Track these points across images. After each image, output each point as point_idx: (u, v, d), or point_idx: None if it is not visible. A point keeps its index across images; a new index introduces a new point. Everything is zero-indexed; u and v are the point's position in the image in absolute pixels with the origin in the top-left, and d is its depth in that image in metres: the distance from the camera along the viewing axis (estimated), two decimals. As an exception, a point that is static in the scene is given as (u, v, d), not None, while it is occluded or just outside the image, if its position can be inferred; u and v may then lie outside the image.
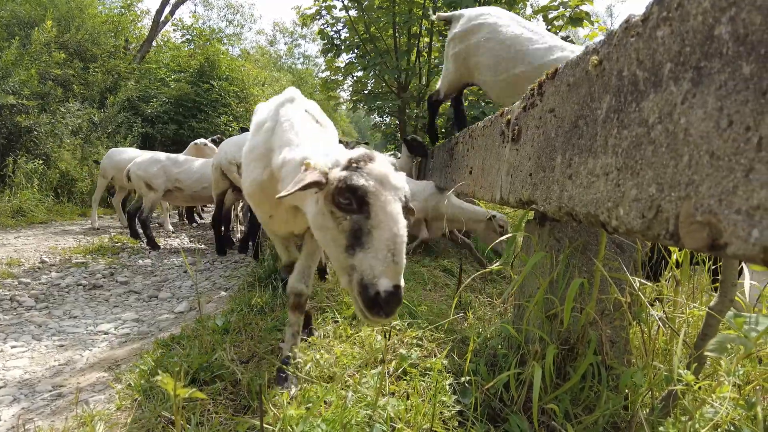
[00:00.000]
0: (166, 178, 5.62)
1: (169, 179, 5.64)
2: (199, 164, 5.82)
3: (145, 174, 5.56)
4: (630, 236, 1.00)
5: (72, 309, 3.42)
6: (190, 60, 14.25)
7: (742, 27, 0.62)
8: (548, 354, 1.33)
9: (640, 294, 1.32)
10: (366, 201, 1.23)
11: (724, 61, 0.66)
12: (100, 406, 1.85)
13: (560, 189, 1.22)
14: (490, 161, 2.13)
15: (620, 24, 0.99)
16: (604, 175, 0.98)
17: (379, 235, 1.21)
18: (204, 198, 5.88)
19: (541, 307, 1.51)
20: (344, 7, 6.80)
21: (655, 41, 0.84)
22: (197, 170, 5.74)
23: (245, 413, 1.67)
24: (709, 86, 0.69)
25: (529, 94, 1.58)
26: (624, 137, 0.92)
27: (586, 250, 1.67)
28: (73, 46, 11.79)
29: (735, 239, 0.61)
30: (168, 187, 5.67)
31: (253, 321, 2.50)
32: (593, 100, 1.09)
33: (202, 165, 5.81)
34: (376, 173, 1.27)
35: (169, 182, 5.64)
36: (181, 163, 5.77)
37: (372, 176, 1.26)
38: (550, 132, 1.36)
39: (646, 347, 1.35)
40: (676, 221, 0.74)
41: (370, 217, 1.23)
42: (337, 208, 1.27)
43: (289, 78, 25.14)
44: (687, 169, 0.72)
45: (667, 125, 0.78)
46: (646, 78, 0.86)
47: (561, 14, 4.57)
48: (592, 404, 1.45)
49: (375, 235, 1.21)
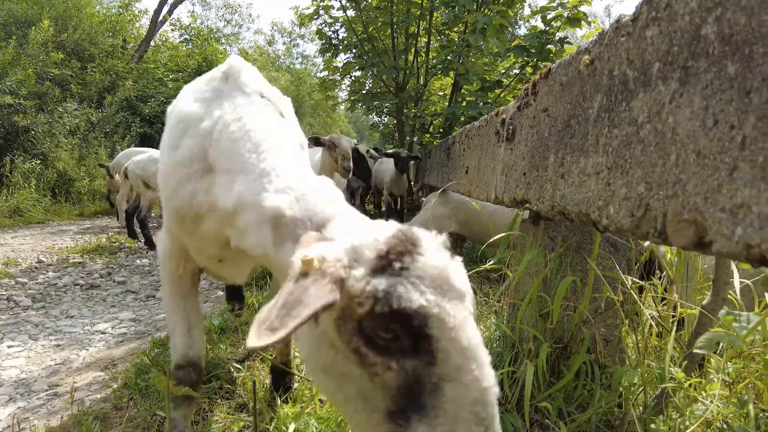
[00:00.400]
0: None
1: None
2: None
3: (144, 172, 5.56)
4: (620, 235, 1.01)
5: (69, 309, 3.42)
6: (188, 60, 14.24)
7: (728, 27, 0.63)
8: (541, 352, 1.34)
9: (633, 293, 1.32)
10: (427, 333, 0.67)
11: (710, 60, 0.67)
12: (96, 405, 1.85)
13: (553, 188, 1.23)
14: (486, 160, 2.14)
15: (611, 24, 1.00)
16: (595, 174, 0.99)
17: (457, 392, 0.66)
18: None
19: (535, 305, 1.52)
20: (342, 7, 6.80)
21: (644, 41, 0.85)
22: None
23: (241, 412, 1.67)
24: (695, 86, 0.69)
25: (524, 93, 1.59)
26: (614, 136, 0.93)
27: (581, 249, 1.68)
28: (70, 46, 11.78)
29: (719, 237, 0.61)
30: None
31: (249, 320, 2.51)
32: (585, 100, 1.09)
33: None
34: (432, 274, 0.69)
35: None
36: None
37: (428, 282, 0.68)
38: (543, 131, 1.36)
39: (639, 346, 1.36)
40: (664, 219, 0.74)
41: (437, 362, 0.67)
42: (371, 347, 0.69)
43: (288, 78, 25.12)
44: (674, 168, 0.73)
45: (655, 124, 0.79)
46: (636, 77, 0.87)
47: (559, 14, 4.58)
48: (586, 402, 1.46)
49: (448, 392, 0.66)
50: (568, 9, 4.38)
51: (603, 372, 1.52)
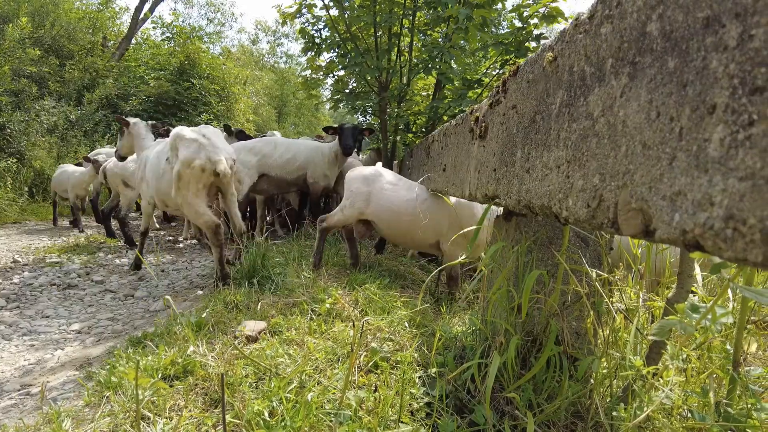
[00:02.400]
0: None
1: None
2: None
3: (123, 172, 5.52)
4: (578, 226, 1.04)
5: (45, 309, 3.36)
6: (170, 58, 14.06)
7: (668, 24, 0.66)
8: (510, 345, 1.37)
9: (597, 285, 1.36)
10: None
11: (654, 56, 0.69)
12: (68, 403, 1.84)
13: (519, 183, 1.26)
14: (461, 158, 2.17)
15: (571, 21, 1.03)
16: (556, 167, 1.02)
17: None
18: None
19: (506, 299, 1.54)
20: (325, 6, 6.79)
21: (599, 37, 0.88)
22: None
23: (216, 407, 1.67)
24: (642, 80, 0.72)
25: (495, 91, 1.62)
26: (573, 130, 0.95)
27: (551, 243, 1.71)
28: (48, 42, 11.56)
29: (661, 224, 0.64)
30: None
31: (227, 318, 2.50)
32: (548, 96, 1.12)
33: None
34: None
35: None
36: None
37: None
38: (512, 128, 1.39)
39: (605, 336, 1.39)
40: (616, 209, 0.77)
41: None
42: None
43: (272, 77, 24.98)
44: (624, 159, 0.76)
45: (608, 117, 0.82)
46: (593, 73, 0.90)
47: (534, 10, 4.62)
48: (555, 393, 1.49)
49: None
50: (543, 5, 4.43)
51: (573, 363, 1.55)
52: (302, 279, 3.13)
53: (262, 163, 5.44)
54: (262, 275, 3.15)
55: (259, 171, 5.43)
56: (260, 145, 5.56)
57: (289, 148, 5.63)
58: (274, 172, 5.53)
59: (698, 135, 0.58)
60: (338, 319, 2.42)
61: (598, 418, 1.26)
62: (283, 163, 5.54)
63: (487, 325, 1.64)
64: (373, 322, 2.18)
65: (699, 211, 0.56)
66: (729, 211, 0.51)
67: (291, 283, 3.04)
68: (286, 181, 5.63)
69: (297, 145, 5.69)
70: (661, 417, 1.26)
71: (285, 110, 25.76)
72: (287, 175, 5.58)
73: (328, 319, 2.40)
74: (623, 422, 1.17)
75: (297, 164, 5.59)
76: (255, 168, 5.40)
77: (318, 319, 2.41)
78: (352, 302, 2.69)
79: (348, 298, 2.75)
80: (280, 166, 5.54)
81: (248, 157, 5.39)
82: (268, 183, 5.60)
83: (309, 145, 5.74)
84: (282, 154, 5.56)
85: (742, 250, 0.50)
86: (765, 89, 0.48)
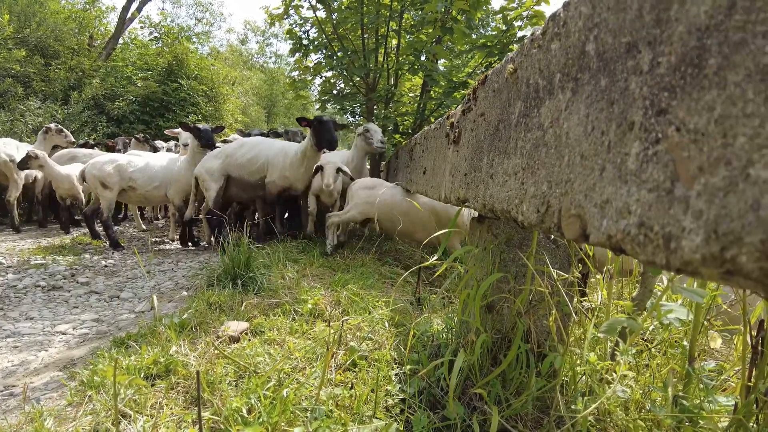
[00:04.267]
0: (120, 177, 5.65)
1: (123, 178, 5.67)
2: (153, 163, 5.85)
3: (100, 173, 5.55)
4: (532, 229, 1.10)
5: (29, 311, 3.37)
6: (158, 58, 14.00)
7: (601, 45, 0.72)
8: (477, 342, 1.42)
9: (559, 285, 1.42)
10: None
11: (590, 74, 0.75)
12: (51, 403, 1.86)
13: (485, 187, 1.32)
14: (439, 162, 2.23)
15: (529, 36, 1.09)
16: (514, 174, 1.08)
17: None
18: (156, 198, 5.92)
19: (477, 299, 1.60)
20: (312, 7, 6.83)
21: (550, 53, 0.94)
22: (151, 169, 5.78)
23: (197, 405, 1.71)
24: (581, 95, 0.78)
25: (467, 98, 1.68)
26: (528, 140, 1.01)
27: (522, 245, 1.77)
28: (33, 42, 11.46)
29: (593, 229, 0.70)
30: (122, 186, 5.72)
31: (210, 318, 2.54)
32: (510, 105, 1.18)
33: (156, 164, 5.84)
34: None
35: (123, 181, 5.68)
36: (136, 163, 5.77)
37: None
38: (480, 134, 1.45)
39: (567, 334, 1.46)
40: (559, 215, 0.83)
41: None
42: None
43: (261, 77, 24.93)
44: (567, 169, 0.81)
45: (555, 129, 0.88)
46: (545, 86, 0.96)
47: (518, 14, 4.71)
48: (524, 389, 1.55)
49: None
50: (527, 8, 4.51)
51: (541, 360, 1.62)
52: (286, 280, 3.17)
53: (225, 164, 5.25)
54: (246, 276, 3.18)
55: (223, 173, 5.26)
56: (227, 147, 5.43)
57: (253, 147, 5.29)
58: (236, 172, 5.25)
59: (621, 149, 0.64)
60: (320, 320, 2.47)
61: (560, 412, 1.32)
62: (245, 162, 5.22)
63: (461, 324, 1.70)
64: (353, 321, 2.23)
65: (620, 218, 0.62)
66: (641, 219, 0.57)
67: (275, 284, 3.08)
68: (249, 183, 5.28)
69: (262, 144, 5.32)
70: (619, 411, 1.33)
71: (274, 110, 25.73)
72: (249, 176, 5.25)
73: (310, 320, 2.45)
74: (579, 415, 1.23)
75: (258, 164, 5.20)
76: (219, 171, 5.25)
77: (300, 319, 2.46)
78: (334, 302, 2.74)
79: (330, 298, 2.80)
80: (241, 165, 5.23)
81: (213, 162, 5.29)
82: (235, 186, 5.33)
83: (275, 144, 5.30)
84: (245, 153, 5.25)
85: (651, 253, 0.55)
86: (667, 111, 0.54)
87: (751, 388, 1.19)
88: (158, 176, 5.78)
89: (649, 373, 1.50)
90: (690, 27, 0.52)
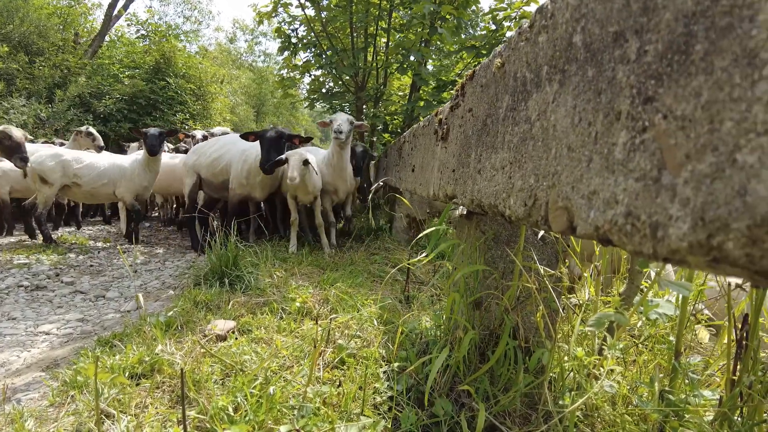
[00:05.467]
0: (63, 173, 5.49)
1: (66, 174, 5.51)
2: (102, 161, 5.74)
3: (41, 167, 5.39)
4: (519, 223, 1.09)
5: (11, 311, 3.30)
6: (145, 56, 13.84)
7: (589, 36, 0.72)
8: (464, 339, 1.42)
9: (546, 281, 1.42)
10: None
11: (578, 65, 0.75)
12: (33, 403, 1.83)
13: (473, 183, 1.31)
14: (427, 159, 2.22)
15: (516, 30, 1.08)
16: (501, 168, 1.07)
17: None
18: (103, 195, 5.79)
19: (465, 296, 1.60)
20: (300, 5, 6.80)
21: (537, 46, 0.93)
22: (100, 166, 5.67)
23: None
24: (569, 87, 0.78)
25: (455, 94, 1.67)
26: (515, 133, 1.01)
27: (510, 242, 1.77)
28: (17, 38, 11.27)
29: (580, 221, 0.70)
30: (65, 182, 5.55)
31: (196, 317, 2.51)
32: (498, 100, 1.18)
33: (104, 162, 5.74)
34: None
35: (66, 177, 5.52)
36: (83, 159, 5.66)
37: None
38: (468, 130, 1.45)
39: (555, 330, 1.46)
40: (547, 208, 0.83)
41: None
42: None
43: (250, 76, 24.78)
44: (554, 161, 0.81)
45: (542, 122, 0.87)
46: (532, 79, 0.95)
47: (507, 14, 4.73)
48: (512, 385, 1.55)
49: None
50: (516, 9, 4.54)
51: (528, 356, 1.62)
52: (275, 279, 3.14)
53: (195, 163, 5.17)
54: (234, 275, 3.15)
55: (195, 170, 5.18)
56: (202, 144, 5.35)
57: (221, 147, 4.99)
58: (203, 171, 5.06)
59: (608, 139, 0.63)
60: (308, 318, 2.45)
61: (548, 407, 1.32)
62: (210, 162, 4.96)
63: (450, 321, 1.69)
64: (341, 320, 2.22)
65: (608, 208, 0.62)
66: (628, 209, 0.57)
67: (263, 282, 3.05)
68: (214, 184, 5.04)
69: (229, 145, 4.96)
70: (607, 406, 1.33)
71: (263, 109, 25.60)
72: (213, 177, 5.00)
73: (298, 318, 2.43)
74: (567, 410, 1.23)
75: (221, 166, 4.88)
76: (192, 168, 5.19)
77: (288, 317, 2.44)
78: (322, 301, 2.73)
79: (319, 296, 2.78)
80: (206, 165, 5.00)
81: (190, 157, 5.25)
82: (204, 185, 5.18)
83: (240, 145, 4.77)
84: (212, 153, 4.99)
85: (638, 243, 0.55)
86: (654, 99, 0.54)
87: (735, 381, 1.20)
88: (107, 173, 5.60)
89: (636, 369, 1.51)
90: (677, 14, 0.51)
